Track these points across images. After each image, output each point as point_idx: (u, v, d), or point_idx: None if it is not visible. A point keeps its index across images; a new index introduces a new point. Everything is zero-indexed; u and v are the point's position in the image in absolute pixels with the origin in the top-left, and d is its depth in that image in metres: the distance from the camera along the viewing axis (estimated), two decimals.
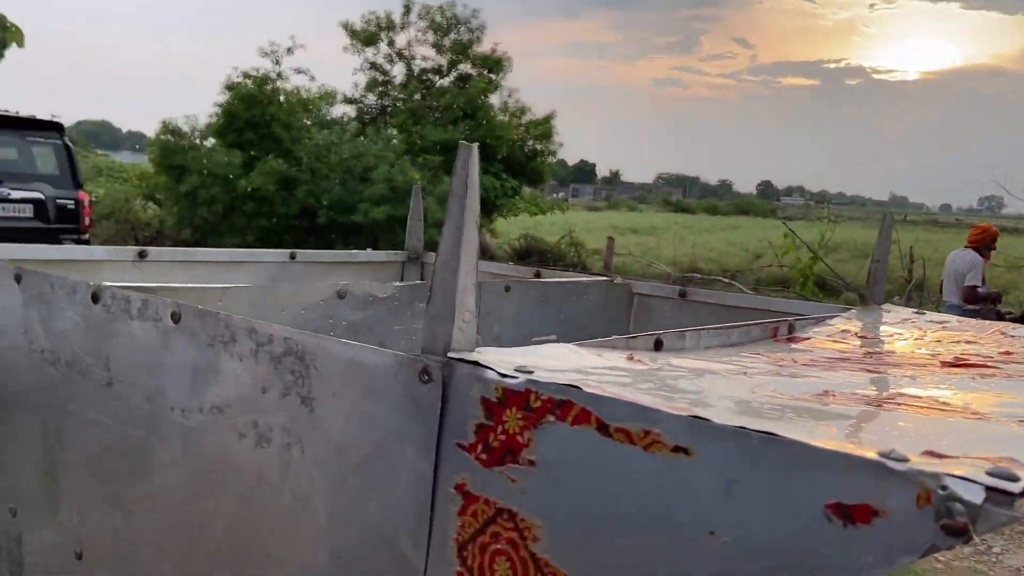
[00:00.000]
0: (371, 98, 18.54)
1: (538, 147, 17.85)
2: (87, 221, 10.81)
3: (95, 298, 1.23)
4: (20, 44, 4.90)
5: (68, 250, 1.80)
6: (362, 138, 16.14)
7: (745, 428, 0.62)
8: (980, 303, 7.07)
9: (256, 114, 15.40)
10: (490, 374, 0.79)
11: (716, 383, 0.89)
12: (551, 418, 0.73)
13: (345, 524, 0.92)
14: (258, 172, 15.15)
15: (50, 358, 1.30)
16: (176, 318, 1.11)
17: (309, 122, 16.22)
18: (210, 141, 15.98)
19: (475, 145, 0.84)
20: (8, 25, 4.71)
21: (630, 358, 1.01)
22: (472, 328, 0.87)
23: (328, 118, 16.76)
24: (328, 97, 16.71)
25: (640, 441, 0.67)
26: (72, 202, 10.53)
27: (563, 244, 16.59)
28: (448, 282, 0.84)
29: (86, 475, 1.25)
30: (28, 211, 10.03)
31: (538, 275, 2.26)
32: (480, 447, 0.79)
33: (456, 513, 0.81)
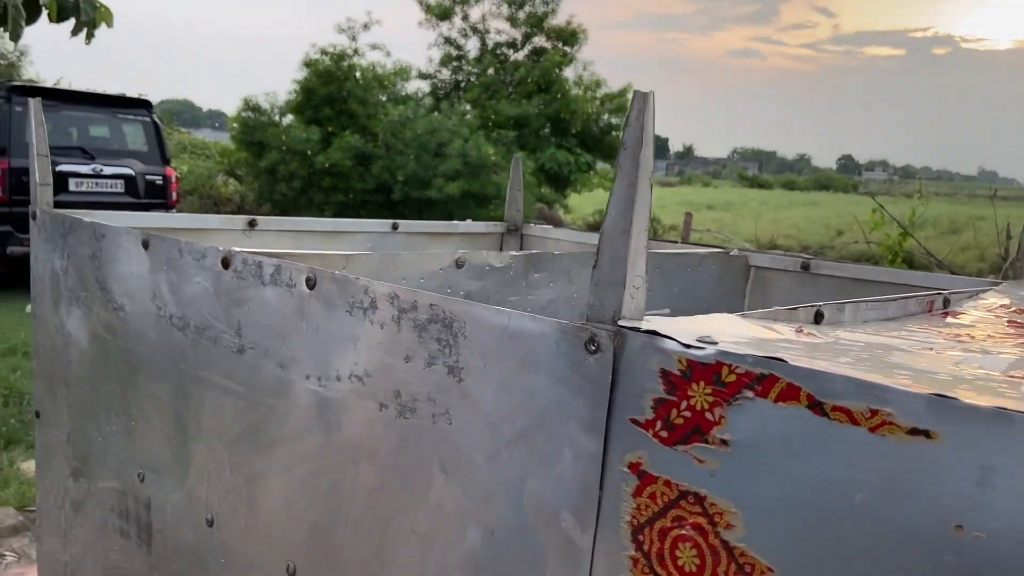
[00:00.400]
0: (445, 73, 18.56)
1: (613, 121, 17.59)
2: (174, 196, 11.12)
3: (225, 263, 1.20)
4: (109, 24, 4.99)
5: (182, 218, 1.80)
6: (436, 113, 16.17)
7: (1005, 409, 0.54)
8: None
9: (333, 90, 15.57)
10: (671, 344, 0.73)
11: (909, 359, 0.81)
12: (749, 394, 0.66)
13: (499, 501, 0.88)
14: (335, 148, 15.36)
15: (179, 324, 1.29)
16: (311, 284, 1.08)
17: (384, 98, 16.33)
18: (289, 118, 16.24)
19: (651, 92, 0.77)
20: (98, 5, 4.80)
21: (799, 331, 0.93)
22: (642, 296, 0.80)
23: (403, 94, 16.83)
24: (403, 72, 16.76)
25: (865, 422, 0.59)
26: (160, 178, 10.84)
27: None
28: (619, 244, 0.77)
29: (217, 442, 1.24)
30: (119, 187, 10.36)
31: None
32: (659, 424, 0.73)
33: (630, 494, 0.75)
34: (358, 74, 15.84)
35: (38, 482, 1.63)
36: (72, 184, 9.89)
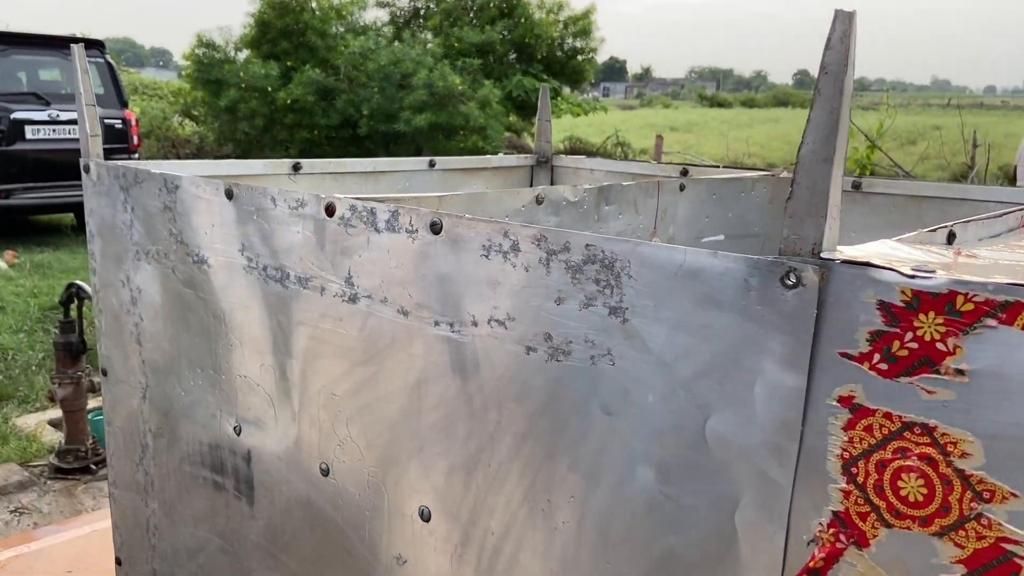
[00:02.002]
0: (403, 0, 18.02)
1: (578, 44, 17.33)
2: (135, 140, 10.77)
3: (330, 211, 1.16)
4: None
5: (227, 164, 1.74)
6: (398, 44, 15.75)
7: None
8: None
9: (289, 22, 15.07)
10: (889, 275, 0.71)
11: None
12: (991, 322, 0.66)
13: (675, 439, 0.87)
14: (296, 83, 14.95)
15: (275, 275, 1.25)
16: (436, 228, 1.04)
17: (343, 29, 15.85)
18: (245, 53, 15.71)
19: (854, 11, 0.74)
20: None
21: (958, 252, 0.92)
22: (837, 227, 0.79)
23: (361, 24, 16.34)
24: (360, 1, 16.25)
25: None
26: (120, 121, 10.47)
27: (609, 144, 16.27)
28: (820, 174, 0.75)
29: (328, 392, 1.22)
30: (77, 131, 9.99)
31: (684, 172, 2.15)
32: (877, 357, 0.72)
33: (840, 427, 0.75)
34: (314, 4, 15.32)
35: (108, 439, 1.60)
36: (28, 132, 9.53)
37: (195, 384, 1.42)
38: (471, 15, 16.86)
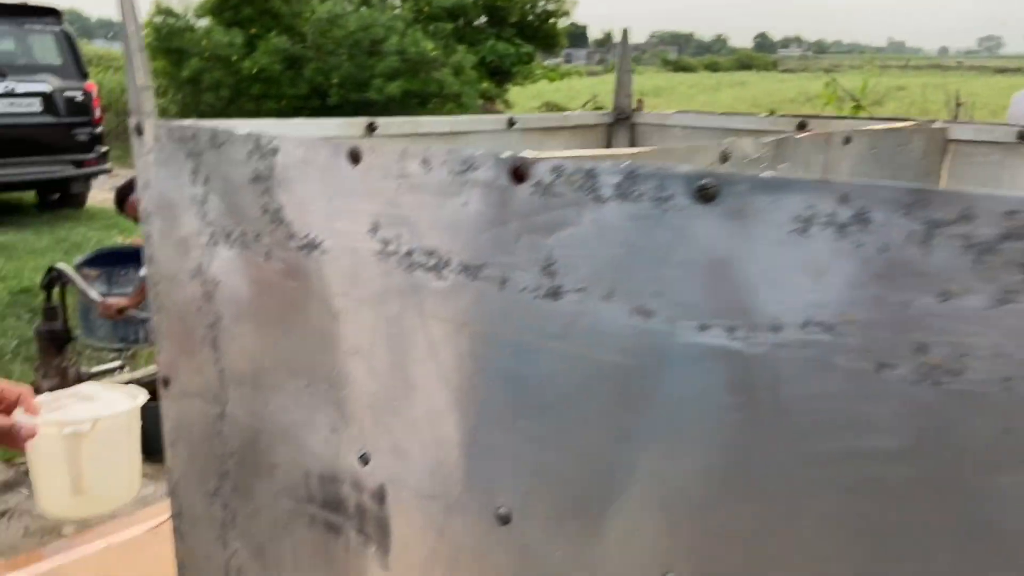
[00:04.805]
0: None
1: (550, 7, 16.90)
2: (98, 113, 10.21)
3: (520, 175, 0.84)
4: None
5: (296, 124, 1.41)
6: (365, 8, 15.18)
7: None
8: None
9: None
10: None
11: None
12: None
13: None
14: (261, 52, 14.38)
15: (424, 262, 0.93)
16: (707, 194, 0.73)
17: None
18: (205, 21, 15.06)
19: None
20: None
21: None
22: None
23: None
24: None
25: None
26: (80, 93, 9.90)
27: (589, 109, 15.94)
28: None
29: (510, 412, 0.91)
30: (36, 105, 9.41)
31: (803, 125, 1.86)
32: None
33: None
34: None
35: (170, 463, 1.28)
36: None
37: (300, 401, 1.10)
38: None
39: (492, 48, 15.35)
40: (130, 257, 5.51)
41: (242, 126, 1.13)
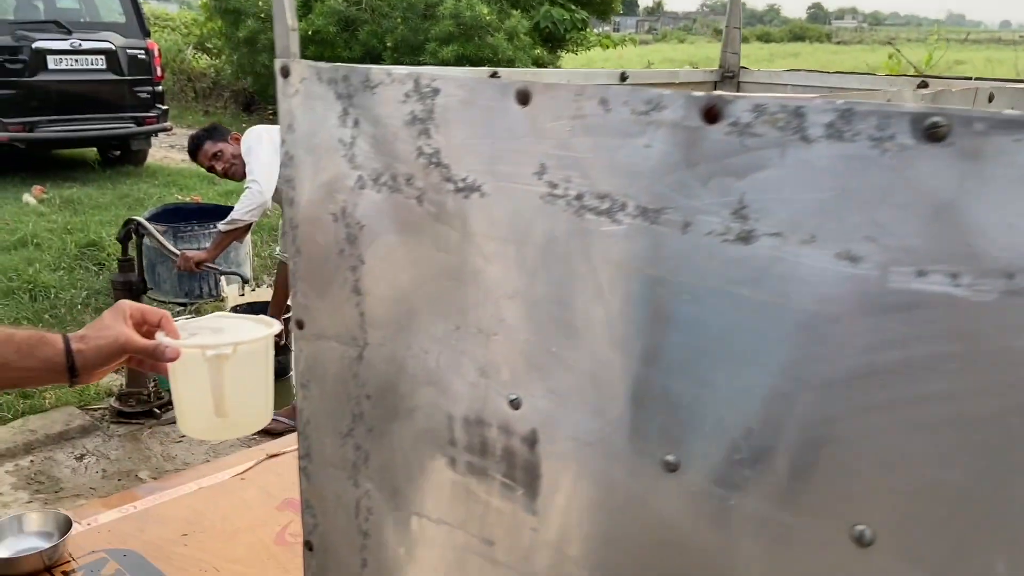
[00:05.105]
0: None
1: None
2: (159, 71, 10.30)
3: (713, 115, 0.82)
4: None
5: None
6: None
7: None
8: None
9: None
10: None
11: None
12: None
13: None
14: (317, 13, 14.36)
15: (596, 205, 0.91)
16: (937, 134, 0.70)
17: None
18: None
19: None
20: None
21: None
22: None
23: None
24: None
25: None
26: (143, 51, 9.98)
27: None
28: None
29: (694, 355, 0.89)
30: (100, 62, 9.51)
31: (924, 84, 1.80)
32: None
33: None
34: None
35: (301, 403, 1.29)
36: (51, 62, 9.06)
37: (447, 344, 1.10)
38: None
39: (546, 13, 15.14)
40: (193, 213, 5.59)
41: (400, 69, 1.12)
